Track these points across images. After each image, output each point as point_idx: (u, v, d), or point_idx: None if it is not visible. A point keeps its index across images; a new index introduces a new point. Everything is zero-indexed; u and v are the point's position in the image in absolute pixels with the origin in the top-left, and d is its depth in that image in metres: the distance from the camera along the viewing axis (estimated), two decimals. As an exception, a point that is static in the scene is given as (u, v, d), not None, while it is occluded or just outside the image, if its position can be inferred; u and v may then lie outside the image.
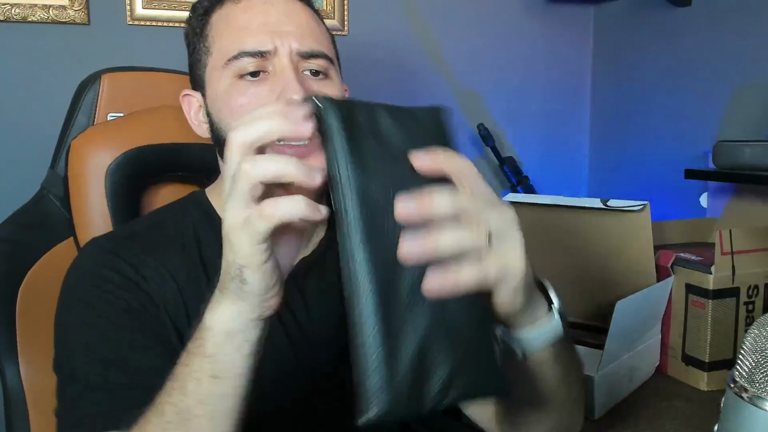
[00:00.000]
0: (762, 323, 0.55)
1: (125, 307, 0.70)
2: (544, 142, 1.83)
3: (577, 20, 1.82)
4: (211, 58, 0.76)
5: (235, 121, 0.66)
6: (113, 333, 0.69)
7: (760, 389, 0.52)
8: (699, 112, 1.50)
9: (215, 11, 0.77)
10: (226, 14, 0.76)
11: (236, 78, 0.73)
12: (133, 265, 0.72)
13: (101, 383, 0.67)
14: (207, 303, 0.54)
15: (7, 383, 0.92)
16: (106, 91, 0.99)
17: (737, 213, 1.35)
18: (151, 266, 0.73)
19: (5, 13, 1.29)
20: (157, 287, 0.72)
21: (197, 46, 0.78)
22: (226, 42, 0.74)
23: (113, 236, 0.79)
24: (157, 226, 0.79)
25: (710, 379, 1.12)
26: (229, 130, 0.65)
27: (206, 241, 0.78)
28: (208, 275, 0.76)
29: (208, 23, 0.77)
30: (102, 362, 0.67)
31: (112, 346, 0.68)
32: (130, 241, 0.75)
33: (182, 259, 0.76)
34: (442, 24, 1.69)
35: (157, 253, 0.74)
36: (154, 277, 0.73)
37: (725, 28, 1.42)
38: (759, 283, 1.14)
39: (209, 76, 0.76)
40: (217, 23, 0.76)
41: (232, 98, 0.72)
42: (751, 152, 1.13)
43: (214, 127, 0.77)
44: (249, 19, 0.74)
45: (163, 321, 0.72)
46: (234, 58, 0.72)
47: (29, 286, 0.94)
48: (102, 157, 0.92)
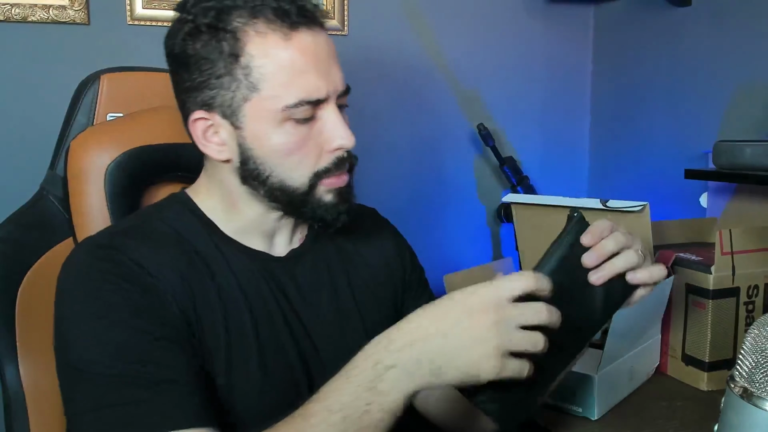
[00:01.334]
0: (762, 323, 0.55)
1: (137, 300, 0.70)
2: (544, 142, 1.83)
3: (577, 20, 1.82)
4: (257, 96, 0.73)
5: (281, 162, 0.75)
6: (136, 328, 0.68)
7: (760, 389, 0.52)
8: (699, 112, 1.50)
9: (249, 37, 0.72)
10: (275, 50, 0.72)
11: (286, 120, 0.73)
12: (134, 259, 0.72)
13: (140, 380, 0.66)
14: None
15: (6, 383, 0.92)
16: (106, 92, 0.99)
17: (737, 213, 1.35)
18: (152, 258, 0.73)
19: (5, 13, 1.29)
20: (162, 278, 0.72)
21: (228, 71, 0.73)
22: (283, 86, 0.72)
23: (106, 234, 0.78)
24: (145, 223, 0.79)
25: (710, 379, 1.12)
26: (274, 168, 0.75)
27: (197, 236, 0.79)
28: (206, 264, 0.77)
29: (244, 50, 0.72)
30: (135, 360, 0.67)
31: (140, 342, 0.68)
32: (125, 236, 0.75)
33: (179, 250, 0.76)
34: (442, 24, 1.69)
35: (154, 245, 0.75)
36: (156, 268, 0.72)
37: (725, 28, 1.42)
38: (759, 283, 1.14)
39: (251, 112, 0.74)
40: (263, 57, 0.72)
41: (284, 143, 0.74)
42: (751, 152, 1.13)
43: (248, 161, 0.76)
44: (305, 63, 0.73)
45: (173, 312, 0.72)
46: (294, 106, 0.72)
47: (29, 287, 0.94)
48: (101, 157, 0.92)
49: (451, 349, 0.61)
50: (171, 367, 0.68)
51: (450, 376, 0.61)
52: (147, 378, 0.66)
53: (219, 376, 0.74)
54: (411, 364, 0.61)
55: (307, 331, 0.82)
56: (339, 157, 0.77)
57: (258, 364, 0.76)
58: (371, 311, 0.90)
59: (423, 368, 0.61)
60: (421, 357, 0.61)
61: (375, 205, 1.02)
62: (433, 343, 0.61)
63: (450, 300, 0.63)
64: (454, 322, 0.61)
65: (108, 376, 0.66)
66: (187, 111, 0.77)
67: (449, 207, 1.75)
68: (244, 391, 0.75)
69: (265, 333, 0.78)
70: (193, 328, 0.73)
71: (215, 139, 0.77)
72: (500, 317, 0.60)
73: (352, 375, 0.63)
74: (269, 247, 0.83)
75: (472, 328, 0.60)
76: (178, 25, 0.76)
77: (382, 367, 0.62)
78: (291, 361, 0.80)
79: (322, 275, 0.87)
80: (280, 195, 0.77)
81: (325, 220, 0.78)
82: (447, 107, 1.72)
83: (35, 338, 0.93)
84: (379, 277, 0.93)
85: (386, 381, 0.61)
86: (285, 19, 0.72)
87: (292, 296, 0.82)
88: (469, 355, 0.60)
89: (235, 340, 0.76)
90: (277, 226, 0.83)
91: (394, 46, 1.63)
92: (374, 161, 1.62)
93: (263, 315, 0.79)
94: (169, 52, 0.77)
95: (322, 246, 0.89)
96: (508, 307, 0.61)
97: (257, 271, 0.80)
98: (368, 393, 0.61)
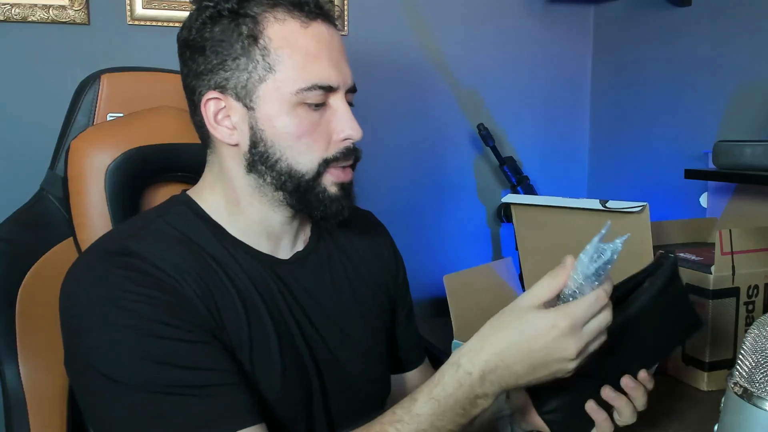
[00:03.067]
0: (762, 323, 0.55)
1: (165, 307, 0.69)
2: (544, 142, 1.83)
3: (577, 20, 1.82)
4: (273, 77, 0.74)
5: (291, 146, 0.76)
6: (170, 336, 0.68)
7: (760, 389, 0.52)
8: (699, 112, 1.50)
9: (269, 22, 0.75)
10: (293, 35, 0.75)
11: (298, 104, 0.75)
12: (153, 263, 0.71)
13: (188, 388, 0.66)
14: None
15: (6, 383, 0.92)
16: (106, 91, 0.99)
17: (737, 213, 1.35)
18: (169, 259, 0.72)
19: (5, 13, 1.29)
20: (183, 280, 0.71)
21: (245, 52, 0.75)
22: (298, 69, 0.74)
23: (114, 239, 0.76)
24: (149, 225, 0.77)
25: (710, 379, 1.12)
26: (284, 151, 0.76)
27: (205, 238, 0.78)
28: (219, 264, 0.76)
29: (263, 33, 0.74)
30: (178, 367, 0.67)
31: (178, 349, 0.67)
32: (137, 240, 0.74)
33: (190, 251, 0.75)
34: (442, 24, 1.69)
35: (165, 247, 0.74)
36: (175, 270, 0.71)
37: (725, 28, 1.42)
38: (759, 283, 1.14)
39: (265, 93, 0.75)
40: (281, 40, 0.74)
41: (296, 126, 0.75)
42: (751, 152, 1.13)
43: (258, 143, 0.76)
44: (320, 50, 0.76)
45: (202, 313, 0.71)
46: (307, 89, 0.74)
47: (29, 287, 0.94)
48: (101, 157, 0.92)
49: (529, 376, 0.68)
50: (214, 370, 0.68)
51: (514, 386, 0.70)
52: (194, 384, 0.67)
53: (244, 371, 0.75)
54: (496, 388, 0.69)
55: (318, 331, 0.83)
56: (347, 147, 0.79)
57: (279, 362, 0.77)
58: (372, 311, 0.91)
59: (502, 390, 0.69)
60: (503, 383, 0.68)
61: (375, 205, 1.03)
62: (516, 375, 0.68)
63: (531, 329, 0.67)
64: (535, 355, 0.67)
65: (152, 386, 0.66)
66: (198, 96, 0.78)
67: (449, 207, 1.75)
68: (267, 389, 0.75)
69: (282, 333, 0.78)
70: (219, 325, 0.73)
71: (226, 122, 0.77)
72: (573, 341, 0.66)
73: (444, 401, 0.68)
74: (275, 250, 0.83)
75: (552, 359, 0.67)
76: (197, 13, 0.77)
77: (475, 396, 0.68)
78: (304, 360, 0.80)
79: (326, 275, 0.87)
80: (288, 181, 0.77)
81: (328, 210, 0.79)
82: (447, 107, 1.72)
83: (35, 338, 0.93)
84: (377, 278, 0.94)
85: (477, 408, 0.69)
86: (303, 9, 0.76)
87: (299, 297, 0.82)
88: (540, 375, 0.68)
89: (257, 339, 0.76)
90: (282, 230, 0.83)
91: (394, 46, 1.64)
92: (374, 161, 1.62)
93: (278, 315, 0.79)
94: (183, 39, 0.78)
95: (325, 247, 0.89)
96: (581, 332, 0.67)
97: (266, 273, 0.80)
98: (462, 418, 0.69)
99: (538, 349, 0.66)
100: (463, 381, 0.67)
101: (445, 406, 0.68)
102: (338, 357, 0.84)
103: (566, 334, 0.66)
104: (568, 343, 0.66)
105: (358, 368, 0.86)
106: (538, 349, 0.66)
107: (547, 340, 0.66)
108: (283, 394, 0.76)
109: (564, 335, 0.66)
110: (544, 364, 0.67)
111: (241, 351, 0.74)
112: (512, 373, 0.67)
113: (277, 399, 0.76)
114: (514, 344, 0.67)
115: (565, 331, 0.66)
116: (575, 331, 0.66)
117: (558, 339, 0.66)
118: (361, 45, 1.58)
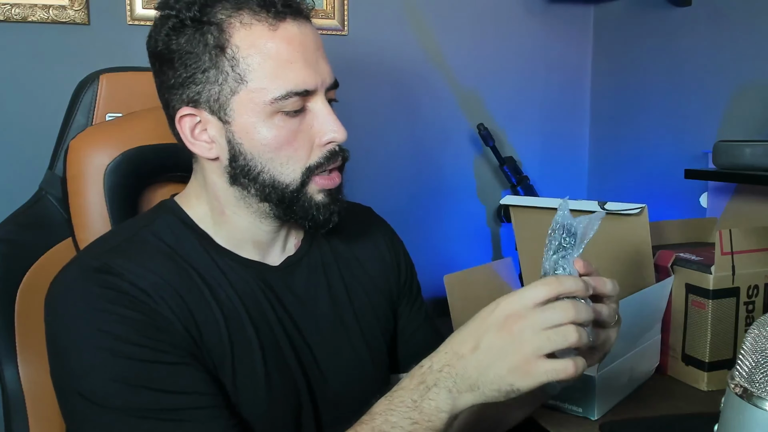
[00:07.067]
0: (762, 323, 0.55)
1: (142, 328, 0.67)
2: (544, 142, 1.83)
3: (577, 20, 1.82)
4: (245, 88, 0.71)
5: (272, 157, 0.73)
6: (147, 358, 0.67)
7: (760, 389, 0.52)
8: (699, 112, 1.50)
9: (235, 28, 0.71)
10: (262, 41, 0.71)
11: (275, 113, 0.72)
12: (131, 281, 0.69)
13: (162, 412, 0.66)
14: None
15: (6, 384, 0.92)
16: (105, 91, 0.99)
17: (737, 213, 1.35)
18: (147, 277, 0.70)
19: (5, 13, 1.29)
20: (160, 298, 0.70)
21: (213, 63, 0.71)
22: (271, 77, 0.71)
23: (94, 254, 0.74)
24: (134, 237, 0.76)
25: (710, 379, 1.12)
26: (265, 164, 0.73)
27: (191, 248, 0.77)
28: (202, 278, 0.75)
29: (230, 41, 0.71)
30: (153, 389, 0.66)
31: (154, 371, 0.66)
32: (117, 255, 0.72)
33: (172, 264, 0.74)
34: (442, 24, 1.69)
35: (146, 263, 0.72)
36: (154, 287, 0.70)
37: (725, 28, 1.42)
38: (759, 283, 1.14)
39: (239, 106, 0.72)
40: (249, 47, 0.71)
41: (274, 137, 0.73)
42: (751, 152, 1.13)
43: (238, 156, 0.74)
44: (292, 52, 0.72)
45: (179, 331, 0.70)
46: (282, 98, 0.71)
47: (28, 287, 0.93)
48: (100, 157, 0.92)
49: (482, 364, 0.62)
50: (189, 393, 0.67)
51: (488, 390, 0.62)
52: (168, 407, 0.66)
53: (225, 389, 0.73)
54: (449, 382, 0.63)
55: (306, 341, 0.81)
56: (331, 150, 0.76)
57: (263, 375, 0.75)
58: (368, 317, 0.89)
59: (460, 386, 0.62)
60: (457, 376, 0.63)
61: (375, 205, 1.02)
62: (466, 361, 0.62)
63: (477, 317, 0.64)
64: (482, 337, 0.62)
65: (127, 409, 0.65)
66: (172, 110, 0.75)
67: (449, 207, 1.75)
68: (251, 404, 0.74)
69: (267, 344, 0.77)
70: (198, 343, 0.71)
71: (203, 136, 0.75)
72: (524, 324, 0.60)
73: (397, 396, 0.65)
74: (264, 257, 0.81)
75: (500, 339, 0.61)
76: (160, 22, 0.73)
77: (424, 387, 0.63)
78: (292, 371, 0.78)
79: (319, 281, 0.85)
80: (272, 192, 0.75)
81: (316, 220, 0.77)
82: (447, 107, 1.72)
83: (35, 338, 0.93)
84: (376, 281, 0.91)
85: (429, 400, 0.63)
86: (270, 10, 0.71)
87: (289, 306, 0.81)
88: (499, 368, 0.61)
89: (240, 353, 0.74)
90: (270, 237, 0.81)
91: (394, 46, 1.63)
92: (374, 161, 1.61)
93: (264, 326, 0.77)
94: (152, 50, 0.75)
95: (318, 250, 0.87)
96: (531, 313, 0.61)
97: (254, 282, 0.78)
98: (414, 412, 0.63)
99: (483, 330, 0.62)
100: (414, 372, 0.65)
101: (395, 398, 0.65)
102: (329, 366, 0.82)
103: (508, 312, 0.61)
104: (520, 326, 0.60)
105: (351, 377, 0.84)
106: (482, 329, 0.62)
107: (491, 320, 0.62)
108: (270, 407, 0.75)
109: (507, 314, 0.61)
110: (498, 349, 0.61)
111: (222, 367, 0.73)
112: (460, 358, 0.62)
113: (263, 413, 0.74)
114: (462, 330, 0.64)
115: (506, 308, 0.61)
116: (524, 313, 0.60)
117: (502, 318, 0.61)
118: (361, 45, 1.58)
